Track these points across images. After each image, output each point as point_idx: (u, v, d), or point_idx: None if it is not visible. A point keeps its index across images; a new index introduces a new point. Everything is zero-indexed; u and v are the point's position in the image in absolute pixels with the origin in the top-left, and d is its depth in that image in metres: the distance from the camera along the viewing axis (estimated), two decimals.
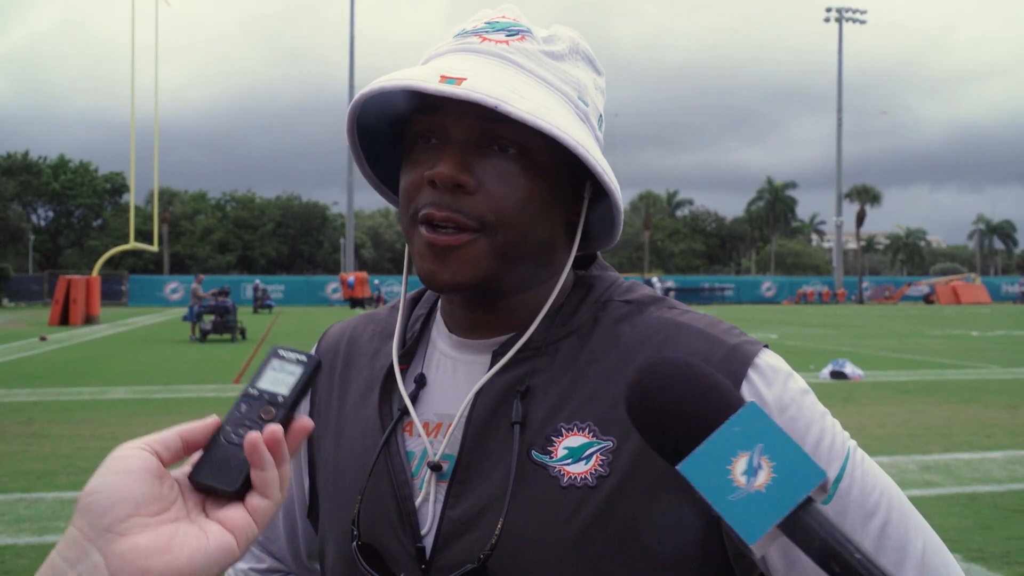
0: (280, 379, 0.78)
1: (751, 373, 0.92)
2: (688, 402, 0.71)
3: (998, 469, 7.58)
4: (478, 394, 0.98)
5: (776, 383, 0.92)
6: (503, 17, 0.99)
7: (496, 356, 0.99)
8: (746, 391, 0.91)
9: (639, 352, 0.95)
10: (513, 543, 0.91)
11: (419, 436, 1.00)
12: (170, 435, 0.73)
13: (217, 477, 0.72)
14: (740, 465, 0.66)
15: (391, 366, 1.06)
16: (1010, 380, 14.26)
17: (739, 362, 0.92)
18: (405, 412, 1.02)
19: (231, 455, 0.73)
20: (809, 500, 0.65)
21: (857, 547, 0.64)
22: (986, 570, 4.98)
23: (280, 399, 0.76)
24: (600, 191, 1.01)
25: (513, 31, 0.97)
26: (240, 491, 0.72)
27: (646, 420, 0.73)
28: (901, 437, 9.07)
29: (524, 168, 0.93)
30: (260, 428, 0.73)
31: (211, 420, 0.76)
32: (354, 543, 0.98)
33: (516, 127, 0.90)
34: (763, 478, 0.65)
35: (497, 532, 0.90)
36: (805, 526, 0.64)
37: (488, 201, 0.92)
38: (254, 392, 0.77)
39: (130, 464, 0.68)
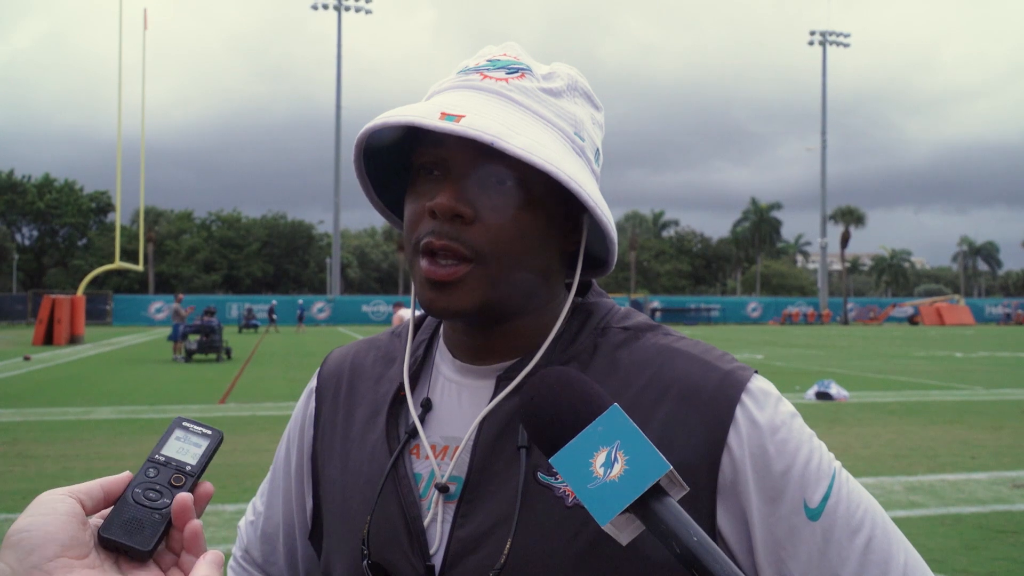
0: (186, 449, 0.83)
1: (744, 397, 0.96)
2: (564, 407, 0.81)
3: (983, 490, 7.62)
4: (485, 418, 1.01)
5: (768, 407, 0.96)
6: (504, 55, 1.03)
7: (500, 381, 1.03)
8: (740, 414, 0.95)
9: (637, 378, 0.99)
10: (521, 562, 0.94)
11: (426, 459, 1.03)
12: (92, 486, 0.77)
13: (130, 536, 0.75)
14: (600, 459, 0.77)
15: (396, 390, 1.09)
16: (994, 401, 14.35)
17: (733, 387, 0.97)
18: (412, 435, 1.05)
19: (143, 516, 0.76)
20: (660, 490, 0.75)
21: (696, 532, 0.73)
22: None
23: (188, 468, 0.81)
24: (595, 220, 1.04)
25: (513, 69, 1.01)
26: (151, 553, 0.75)
27: (531, 423, 0.84)
28: (886, 458, 9.12)
29: (521, 200, 0.97)
30: (171, 494, 0.78)
31: (126, 474, 0.80)
32: (364, 562, 1.01)
33: (513, 161, 0.94)
34: (617, 469, 0.75)
35: (506, 551, 0.93)
36: (652, 512, 0.74)
37: (485, 231, 0.96)
38: (161, 459, 0.81)
39: (57, 507, 0.72)
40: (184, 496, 0.76)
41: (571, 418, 0.80)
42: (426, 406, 1.07)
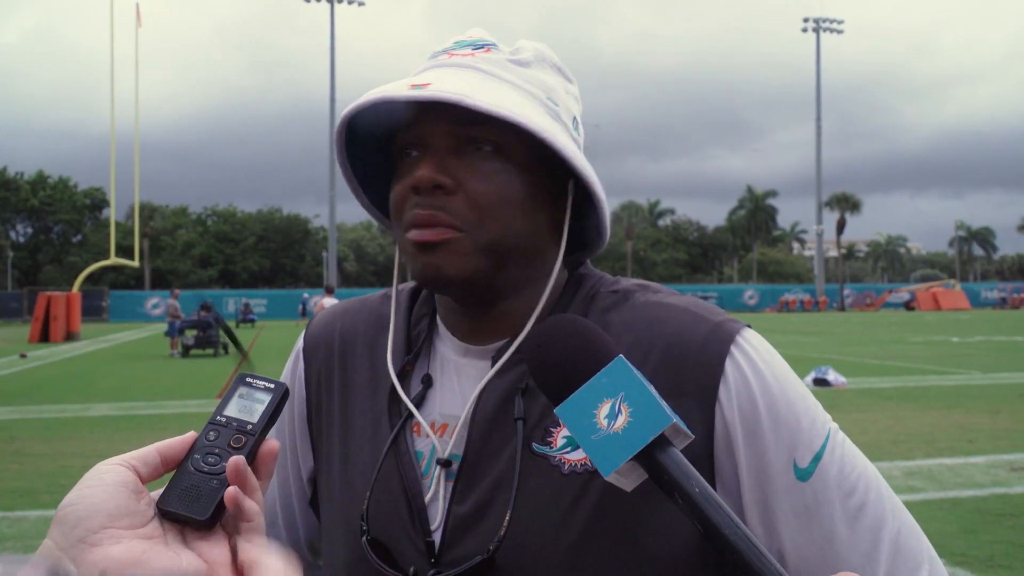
0: (248, 407, 0.79)
1: (733, 350, 0.95)
2: (569, 357, 0.82)
3: (980, 474, 7.64)
4: (481, 395, 1.00)
5: (759, 361, 0.95)
6: (470, 36, 1.05)
7: (495, 360, 1.02)
8: (729, 367, 0.94)
9: (628, 335, 0.98)
10: (520, 534, 0.93)
11: (427, 436, 1.03)
12: (149, 451, 0.74)
13: (187, 506, 0.72)
14: (604, 410, 0.77)
15: (400, 369, 1.08)
16: (990, 385, 14.38)
17: (722, 340, 0.95)
18: (411, 411, 1.04)
19: (200, 483, 0.73)
20: (665, 441, 0.76)
21: (699, 483, 0.74)
22: (970, 574, 5.02)
23: (249, 427, 0.77)
24: (585, 192, 1.04)
25: (479, 45, 1.02)
26: (211, 521, 0.72)
27: (538, 371, 0.84)
28: (884, 443, 9.13)
29: (501, 165, 0.97)
30: (231, 457, 0.74)
31: (189, 436, 0.77)
32: (364, 538, 1.00)
33: (489, 127, 0.95)
34: (621, 421, 0.76)
35: (506, 524, 0.93)
36: (656, 462, 0.75)
37: (468, 199, 0.96)
38: (222, 420, 0.78)
39: (105, 478, 0.70)
40: (236, 459, 0.72)
41: (576, 368, 0.81)
42: (426, 382, 1.06)
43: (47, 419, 11.61)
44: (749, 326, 0.99)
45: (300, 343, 1.19)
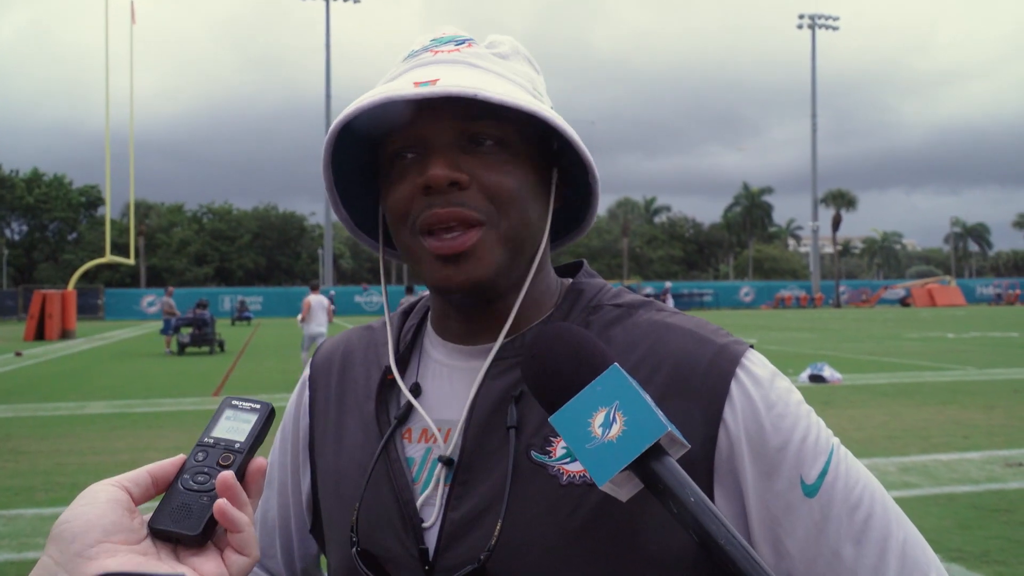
0: (235, 427, 0.81)
1: (739, 372, 0.95)
2: (564, 365, 0.82)
3: (975, 470, 7.66)
4: (477, 397, 0.99)
5: (764, 382, 0.95)
6: (445, 33, 1.04)
7: (494, 361, 1.01)
8: (735, 389, 0.94)
9: (631, 354, 0.97)
10: (514, 542, 0.92)
11: (418, 442, 1.02)
12: (139, 473, 0.76)
13: (178, 523, 0.73)
14: (598, 419, 0.77)
15: (384, 375, 1.08)
16: (986, 381, 14.42)
17: (728, 361, 0.95)
18: (401, 420, 1.04)
19: (191, 501, 0.75)
20: (660, 450, 0.75)
21: (694, 492, 0.74)
22: (965, 569, 5.03)
23: (237, 446, 0.79)
24: (572, 177, 1.05)
25: (460, 40, 1.02)
26: (202, 537, 0.73)
27: (532, 380, 0.84)
28: (880, 439, 9.15)
29: (506, 158, 0.97)
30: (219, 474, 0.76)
31: (179, 458, 0.78)
32: (353, 549, 1.00)
33: (489, 121, 0.94)
34: (616, 430, 0.76)
35: (496, 533, 0.92)
36: (651, 471, 0.75)
37: (483, 193, 0.95)
38: (210, 441, 0.80)
39: (99, 496, 0.72)
40: (225, 474, 0.74)
41: (571, 377, 0.80)
42: (415, 391, 1.05)
43: (42, 417, 11.59)
44: (752, 346, 0.99)
45: (307, 371, 1.19)
